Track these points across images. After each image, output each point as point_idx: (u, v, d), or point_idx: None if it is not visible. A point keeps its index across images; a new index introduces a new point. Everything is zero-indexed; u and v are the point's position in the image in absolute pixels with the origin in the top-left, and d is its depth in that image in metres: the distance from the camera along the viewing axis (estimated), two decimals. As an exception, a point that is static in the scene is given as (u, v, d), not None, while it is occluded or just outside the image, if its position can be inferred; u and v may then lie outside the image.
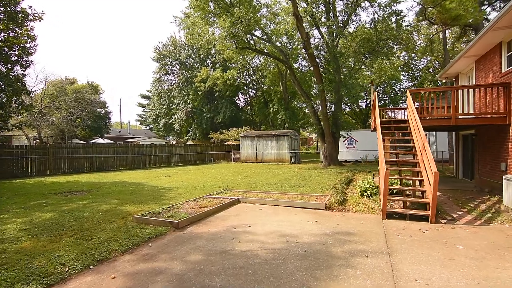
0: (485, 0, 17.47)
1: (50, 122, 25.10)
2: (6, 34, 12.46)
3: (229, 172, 16.45)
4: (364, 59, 18.30)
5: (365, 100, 37.08)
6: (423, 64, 36.80)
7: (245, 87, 38.84)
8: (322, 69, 17.39)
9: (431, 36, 22.11)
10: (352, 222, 5.95)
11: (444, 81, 13.33)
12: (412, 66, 35.02)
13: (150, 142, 32.15)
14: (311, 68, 24.45)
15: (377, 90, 28.92)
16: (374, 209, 6.94)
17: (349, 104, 33.21)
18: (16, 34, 12.72)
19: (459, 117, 8.69)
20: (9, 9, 11.94)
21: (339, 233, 5.22)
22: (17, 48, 12.79)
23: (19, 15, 12.30)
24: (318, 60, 17.28)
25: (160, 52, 38.47)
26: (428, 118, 8.39)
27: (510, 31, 8.01)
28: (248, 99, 41.51)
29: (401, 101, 33.72)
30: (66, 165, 17.41)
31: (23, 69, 13.26)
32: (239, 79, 33.74)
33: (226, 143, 30.46)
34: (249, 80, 37.89)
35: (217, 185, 11.30)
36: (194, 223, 6.02)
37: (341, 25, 17.17)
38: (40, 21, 12.99)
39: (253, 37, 19.84)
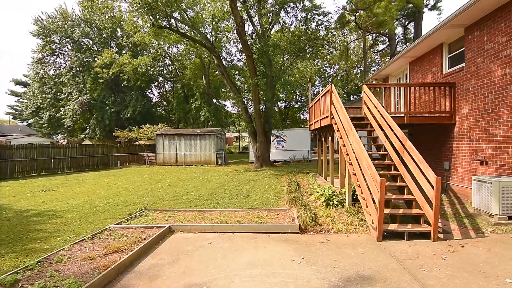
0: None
1: None
2: None
3: (145, 180, 12.95)
4: (295, 57, 17.71)
5: (284, 101, 38.13)
6: (332, 71, 40.72)
7: (160, 79, 34.05)
8: (255, 62, 15.80)
9: (348, 43, 23.74)
10: (348, 253, 4.25)
11: (374, 82, 13.69)
12: (324, 71, 38.22)
13: (27, 142, 23.99)
14: (239, 64, 22.79)
15: (299, 91, 29.62)
16: (355, 225, 5.51)
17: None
18: None
19: (411, 115, 8.40)
20: None
21: (351, 281, 3.39)
22: None
23: None
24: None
25: (44, 26, 29.59)
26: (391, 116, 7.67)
27: (454, 32, 8.07)
28: (164, 92, 36.74)
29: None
30: None
31: None
32: (153, 68, 29.04)
33: (137, 143, 25.60)
34: (165, 71, 33.36)
35: (130, 202, 8.07)
36: (93, 297, 3.13)
37: (270, 15, 16.17)
38: None
39: (173, 19, 16.58)
